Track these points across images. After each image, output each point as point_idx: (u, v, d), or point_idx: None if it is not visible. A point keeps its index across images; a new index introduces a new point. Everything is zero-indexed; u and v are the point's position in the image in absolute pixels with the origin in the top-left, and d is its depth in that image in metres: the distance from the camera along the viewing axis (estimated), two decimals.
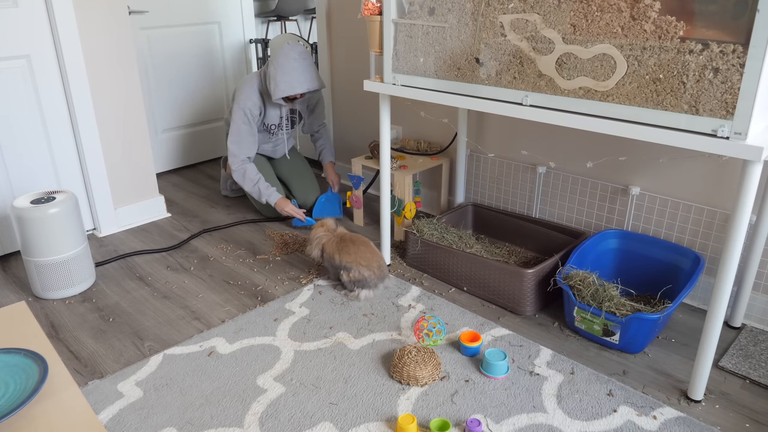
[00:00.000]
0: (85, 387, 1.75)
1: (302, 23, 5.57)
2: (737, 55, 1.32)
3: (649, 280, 2.11)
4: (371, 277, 2.17)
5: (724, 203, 2.00)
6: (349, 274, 2.17)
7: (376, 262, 2.20)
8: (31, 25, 2.41)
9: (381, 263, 2.22)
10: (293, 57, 2.60)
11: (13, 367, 1.08)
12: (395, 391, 1.71)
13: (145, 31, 3.35)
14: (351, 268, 2.17)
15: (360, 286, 2.18)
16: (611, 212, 2.29)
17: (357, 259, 2.17)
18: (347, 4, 3.05)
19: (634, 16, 1.47)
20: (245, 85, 2.74)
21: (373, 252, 2.22)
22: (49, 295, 2.24)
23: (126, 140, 2.81)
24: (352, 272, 2.16)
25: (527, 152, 2.50)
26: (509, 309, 2.13)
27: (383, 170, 2.31)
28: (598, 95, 1.58)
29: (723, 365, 1.80)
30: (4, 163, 2.47)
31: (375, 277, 2.18)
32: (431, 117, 2.82)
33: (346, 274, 2.17)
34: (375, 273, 2.18)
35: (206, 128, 3.80)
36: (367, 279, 2.16)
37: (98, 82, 2.64)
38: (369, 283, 2.17)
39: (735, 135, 1.36)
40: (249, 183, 2.74)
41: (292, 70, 2.59)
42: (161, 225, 2.92)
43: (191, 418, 1.62)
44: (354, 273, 2.16)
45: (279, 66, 2.60)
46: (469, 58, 1.85)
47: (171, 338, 1.99)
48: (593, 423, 1.59)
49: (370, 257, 2.19)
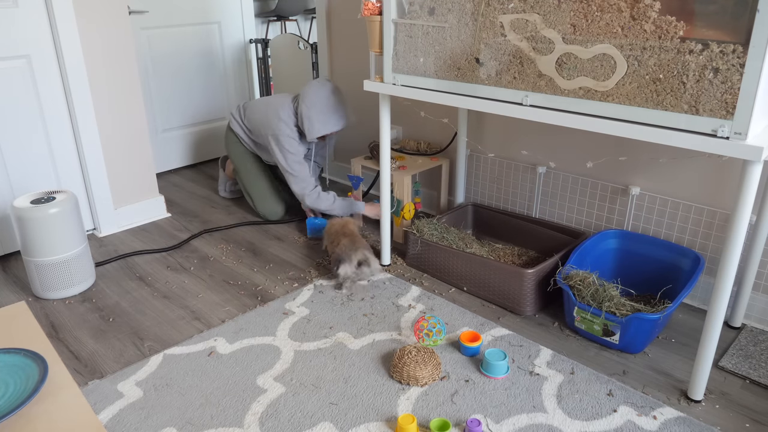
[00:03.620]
0: (85, 387, 1.75)
1: (302, 23, 5.57)
2: (737, 55, 1.32)
3: (649, 280, 2.11)
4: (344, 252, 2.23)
5: (724, 203, 2.00)
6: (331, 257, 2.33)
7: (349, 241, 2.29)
8: (31, 25, 2.41)
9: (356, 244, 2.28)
10: (325, 95, 2.60)
11: (13, 367, 1.09)
12: (395, 391, 1.71)
13: (145, 31, 3.35)
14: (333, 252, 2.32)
15: (336, 265, 2.23)
16: (611, 212, 2.29)
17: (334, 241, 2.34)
18: (347, 4, 3.05)
19: (634, 16, 1.47)
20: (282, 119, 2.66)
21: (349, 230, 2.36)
22: (49, 295, 2.24)
23: (126, 140, 2.81)
24: (332, 256, 2.30)
25: (527, 152, 2.50)
26: (509, 309, 2.13)
27: (383, 170, 2.30)
28: (598, 95, 1.58)
29: (723, 365, 1.80)
30: (4, 163, 2.47)
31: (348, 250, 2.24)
32: (431, 117, 2.82)
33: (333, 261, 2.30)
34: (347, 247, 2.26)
35: (206, 128, 3.80)
36: (340, 255, 2.23)
37: (98, 81, 2.64)
38: (343, 258, 2.23)
39: (735, 135, 1.36)
40: (327, 203, 2.68)
41: (326, 109, 2.59)
42: (161, 225, 2.92)
43: (191, 418, 1.62)
44: (333, 256, 2.29)
45: (312, 106, 2.59)
46: (469, 58, 1.85)
47: (171, 338, 1.99)
48: (593, 423, 1.59)
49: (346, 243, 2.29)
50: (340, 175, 3.48)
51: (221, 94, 3.81)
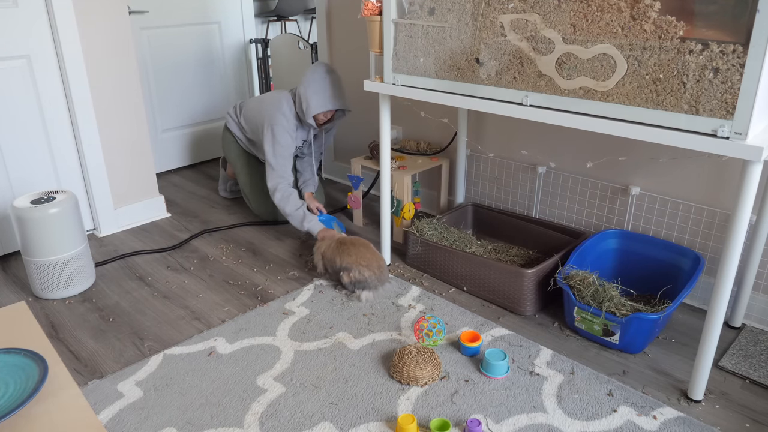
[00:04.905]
0: (85, 387, 1.75)
1: (302, 23, 5.57)
2: (737, 55, 1.32)
3: (649, 280, 2.11)
4: (371, 278, 2.17)
5: (724, 203, 2.00)
6: (350, 275, 2.16)
7: (377, 263, 2.20)
8: (31, 25, 2.41)
9: (381, 264, 2.22)
10: (321, 74, 2.55)
11: (13, 367, 1.09)
12: (395, 391, 1.71)
13: (145, 31, 3.35)
14: (351, 268, 2.17)
15: (360, 287, 2.17)
16: (611, 212, 2.29)
17: (357, 259, 2.17)
18: (347, 4, 3.05)
19: (634, 16, 1.47)
20: (278, 111, 2.62)
21: (374, 253, 2.23)
22: (49, 295, 2.23)
23: (126, 140, 2.81)
24: (352, 272, 2.16)
25: (527, 152, 2.50)
26: (509, 309, 2.13)
27: (383, 171, 2.30)
28: (598, 95, 1.58)
29: (723, 365, 1.80)
30: (4, 163, 2.47)
31: (375, 277, 2.18)
32: (431, 117, 2.82)
33: (347, 275, 2.17)
34: (375, 273, 2.18)
35: (206, 128, 3.80)
36: (368, 279, 2.16)
37: (98, 81, 2.64)
38: (369, 284, 2.17)
39: (735, 135, 1.36)
40: (292, 206, 2.56)
41: (322, 87, 2.55)
42: (161, 225, 2.92)
43: (191, 418, 1.62)
44: (354, 273, 2.16)
45: (309, 84, 2.55)
46: (469, 58, 1.85)
47: (171, 338, 1.99)
48: (593, 423, 1.59)
49: (370, 258, 2.19)
50: (340, 175, 3.48)
51: (221, 94, 3.81)
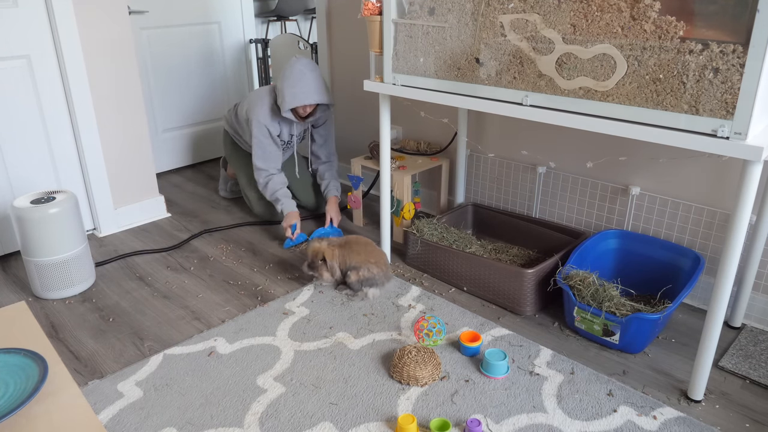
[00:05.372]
0: (85, 387, 1.75)
1: (302, 23, 5.57)
2: (737, 55, 1.32)
3: (649, 280, 2.11)
4: (379, 275, 2.19)
5: (724, 203, 2.00)
6: (359, 273, 2.17)
7: (383, 260, 2.23)
8: (31, 25, 2.41)
9: (386, 261, 2.26)
10: (299, 69, 2.52)
11: (13, 367, 1.08)
12: (395, 391, 1.71)
13: (145, 31, 3.35)
14: (360, 267, 2.17)
15: (368, 285, 2.19)
16: (611, 212, 2.29)
17: (366, 258, 2.19)
18: (347, 4, 3.05)
19: (634, 16, 1.47)
20: (259, 103, 2.63)
21: (378, 250, 2.26)
22: (49, 295, 2.23)
23: (126, 140, 2.81)
24: (361, 271, 2.17)
25: (527, 152, 2.50)
26: (509, 309, 2.13)
27: (383, 170, 2.30)
28: (598, 95, 1.58)
29: (723, 365, 1.80)
30: (4, 163, 2.47)
31: (383, 274, 2.21)
32: (431, 117, 2.82)
33: (355, 273, 2.17)
34: (383, 270, 2.21)
35: (206, 128, 3.80)
36: (376, 276, 2.18)
37: (98, 81, 2.64)
38: (377, 281, 2.19)
39: (735, 135, 1.36)
40: (270, 191, 2.66)
41: (298, 81, 2.51)
42: (161, 225, 2.92)
43: (191, 418, 1.62)
44: (363, 272, 2.17)
45: (285, 78, 2.54)
46: (469, 58, 1.85)
47: (171, 338, 1.99)
48: (593, 423, 1.59)
49: (378, 255, 2.23)
50: (340, 175, 3.48)
51: (221, 94, 3.81)
